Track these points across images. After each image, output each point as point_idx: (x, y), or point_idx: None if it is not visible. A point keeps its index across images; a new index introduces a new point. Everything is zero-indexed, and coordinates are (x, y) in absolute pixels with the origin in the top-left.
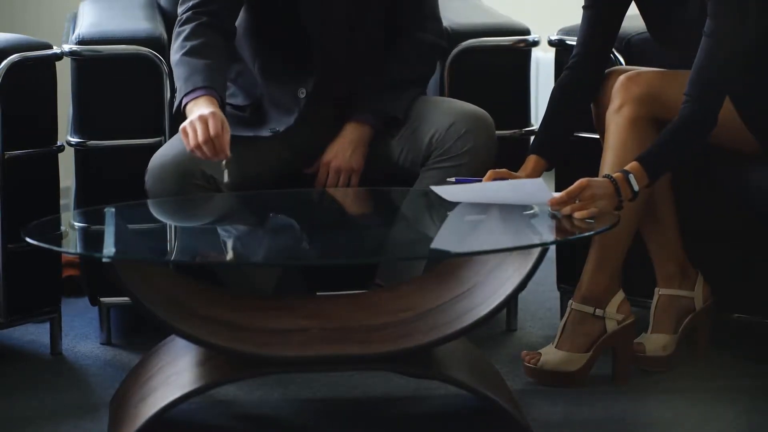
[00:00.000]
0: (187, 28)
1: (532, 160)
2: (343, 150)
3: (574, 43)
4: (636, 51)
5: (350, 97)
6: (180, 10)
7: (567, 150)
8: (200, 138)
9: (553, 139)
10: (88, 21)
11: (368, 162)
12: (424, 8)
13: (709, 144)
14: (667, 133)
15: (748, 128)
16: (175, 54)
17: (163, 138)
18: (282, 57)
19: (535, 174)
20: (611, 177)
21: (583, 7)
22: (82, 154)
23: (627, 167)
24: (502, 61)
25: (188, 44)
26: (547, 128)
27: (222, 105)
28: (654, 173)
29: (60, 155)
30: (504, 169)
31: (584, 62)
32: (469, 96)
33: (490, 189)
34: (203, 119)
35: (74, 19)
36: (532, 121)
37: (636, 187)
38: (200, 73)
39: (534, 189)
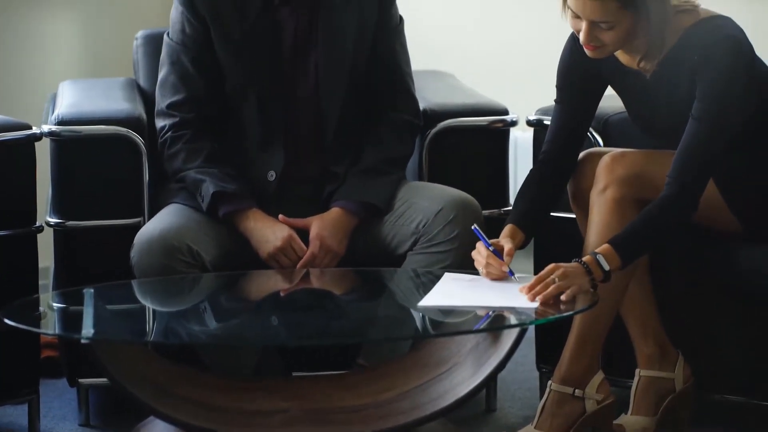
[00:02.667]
0: (180, 150)
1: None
2: (336, 233)
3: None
4: (614, 131)
5: (323, 175)
6: (157, 125)
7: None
8: (297, 264)
9: (524, 222)
10: (67, 101)
11: (357, 243)
12: (398, 86)
13: (692, 224)
14: (644, 215)
15: (730, 209)
16: (181, 173)
17: (142, 218)
18: (249, 141)
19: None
20: (581, 260)
21: (555, 101)
22: (61, 234)
23: (598, 249)
24: (480, 141)
25: (194, 163)
26: (518, 217)
27: None
28: (627, 255)
29: (39, 235)
30: (506, 247)
31: (555, 158)
32: (447, 176)
33: (480, 289)
34: (287, 244)
35: (54, 100)
36: (511, 200)
37: (606, 267)
38: (228, 182)
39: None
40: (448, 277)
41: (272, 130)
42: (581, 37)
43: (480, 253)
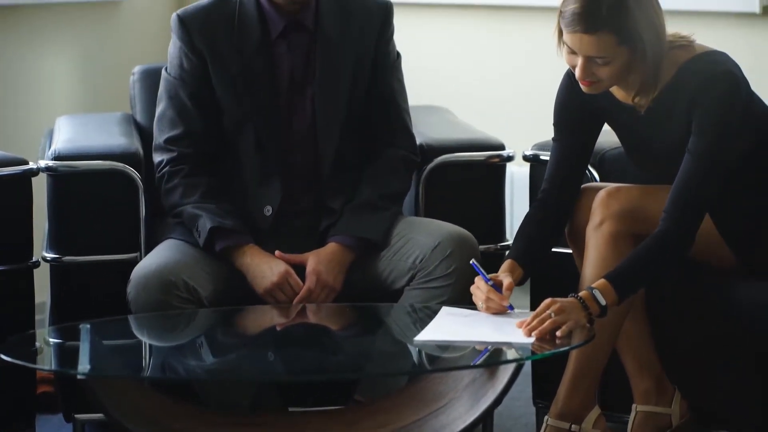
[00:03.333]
0: (177, 185)
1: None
2: (332, 268)
3: (548, 158)
4: (611, 166)
5: (319, 210)
6: (155, 159)
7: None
8: (294, 299)
9: (524, 260)
10: (64, 137)
11: (353, 278)
12: (396, 122)
13: (689, 258)
14: (640, 250)
15: (726, 244)
16: (178, 208)
17: (139, 254)
18: (246, 175)
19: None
20: (577, 295)
21: (553, 140)
22: (57, 269)
23: (594, 284)
24: (477, 176)
25: (192, 198)
26: (518, 253)
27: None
28: (623, 290)
29: (35, 271)
30: (505, 282)
31: (554, 196)
32: (444, 211)
33: (477, 325)
34: (284, 279)
35: (50, 135)
36: (508, 235)
37: (603, 302)
38: (225, 217)
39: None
40: (445, 311)
41: (269, 164)
42: (577, 72)
43: (479, 288)
